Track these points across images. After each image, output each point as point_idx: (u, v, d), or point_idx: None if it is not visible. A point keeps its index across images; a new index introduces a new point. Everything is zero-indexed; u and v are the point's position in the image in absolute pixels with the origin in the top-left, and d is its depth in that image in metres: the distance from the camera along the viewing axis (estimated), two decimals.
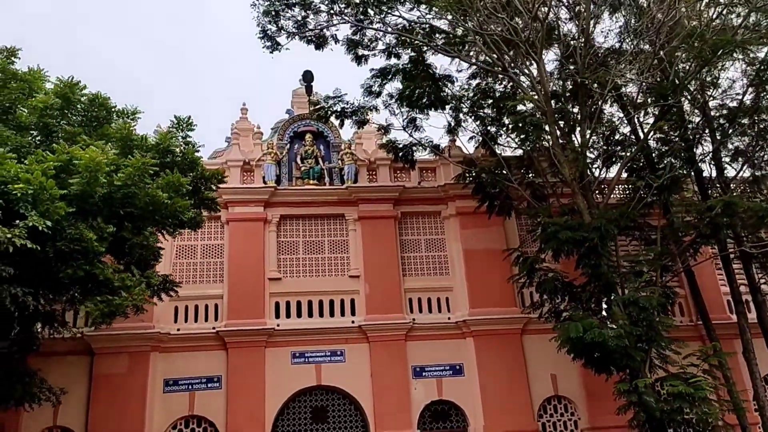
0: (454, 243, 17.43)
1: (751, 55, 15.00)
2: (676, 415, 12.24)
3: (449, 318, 16.65)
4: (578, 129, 14.25)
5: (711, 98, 14.98)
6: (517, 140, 15.15)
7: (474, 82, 16.49)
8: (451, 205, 17.64)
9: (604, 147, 15.47)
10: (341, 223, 17.51)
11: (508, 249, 15.98)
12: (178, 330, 15.65)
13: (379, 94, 16.55)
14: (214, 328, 15.73)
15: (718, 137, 15.23)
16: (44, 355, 13.47)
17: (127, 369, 14.80)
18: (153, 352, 15.17)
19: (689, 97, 14.93)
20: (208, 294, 16.20)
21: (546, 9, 14.05)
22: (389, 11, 15.61)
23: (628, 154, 14.77)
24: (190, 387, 15.18)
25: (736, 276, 15.17)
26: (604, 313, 13.28)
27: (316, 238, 17.34)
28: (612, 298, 13.30)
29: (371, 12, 15.77)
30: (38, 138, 12.08)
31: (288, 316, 16.35)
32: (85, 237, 9.53)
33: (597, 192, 15.36)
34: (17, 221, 8.65)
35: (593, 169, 15.24)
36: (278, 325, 16.04)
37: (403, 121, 16.70)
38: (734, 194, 13.32)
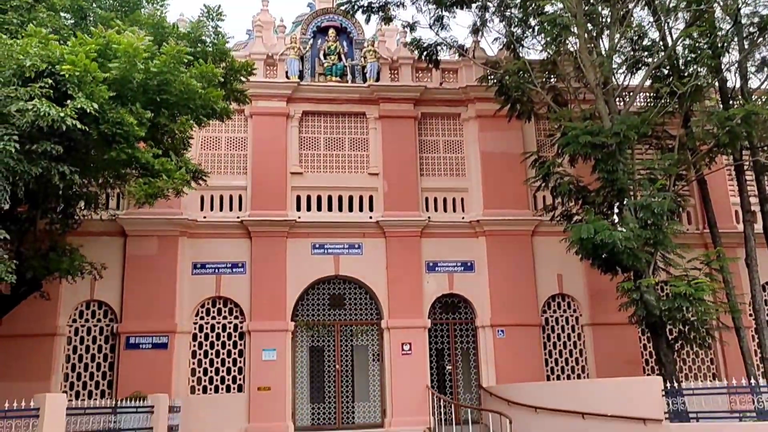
0: (472, 145, 17.78)
1: None
2: (676, 314, 13.03)
3: (463, 218, 17.26)
4: (606, 33, 14.23)
5: (744, 4, 14.80)
6: (542, 43, 15.18)
7: None
8: (471, 107, 17.84)
9: (632, 52, 15.46)
10: (362, 122, 17.80)
11: (525, 153, 16.35)
12: (205, 217, 16.36)
13: None
14: (238, 217, 16.42)
15: (746, 46, 15.18)
16: (80, 234, 14.23)
17: (158, 251, 15.63)
18: (181, 237, 15.95)
19: (721, 3, 14.75)
20: (232, 185, 16.78)
21: None
22: None
23: (655, 60, 14.79)
24: (216, 271, 16.07)
25: (748, 186, 15.56)
26: (615, 217, 13.79)
27: (337, 135, 17.70)
28: (624, 202, 13.82)
29: None
30: (71, 21, 12.23)
31: (308, 209, 16.99)
32: (126, 121, 9.93)
33: (618, 99, 15.48)
34: (67, 102, 9.02)
35: (617, 75, 15.34)
36: (299, 218, 16.71)
37: (430, 19, 16.63)
38: (756, 104, 13.47)
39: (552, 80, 16.33)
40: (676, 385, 11.50)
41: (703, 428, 10.95)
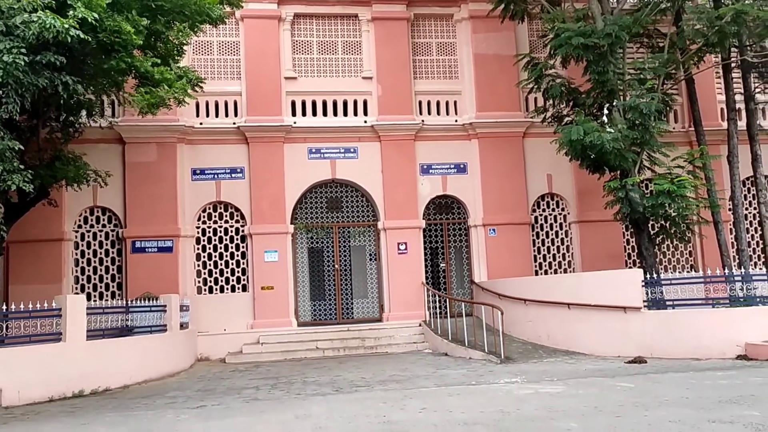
0: (464, 47, 17.78)
1: None
2: (658, 210, 13.71)
3: (456, 120, 17.55)
4: None
5: None
6: None
7: None
8: (464, 7, 17.68)
9: None
10: (355, 24, 17.65)
11: (518, 54, 16.43)
12: (201, 124, 16.55)
13: None
14: (234, 123, 16.62)
15: None
16: (80, 143, 14.39)
17: (157, 158, 15.93)
18: (179, 143, 16.20)
19: None
20: (227, 91, 16.84)
21: None
22: None
23: None
24: (215, 176, 16.46)
25: (734, 85, 15.87)
26: (604, 118, 14.14)
27: (329, 38, 17.59)
28: (614, 104, 14.14)
29: None
30: None
31: (304, 114, 17.17)
32: (123, 29, 9.98)
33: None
34: (68, 12, 9.05)
35: None
36: (295, 123, 16.92)
37: None
38: (746, 3, 13.53)
39: None
40: (655, 276, 12.35)
41: (678, 314, 11.90)
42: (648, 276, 12.51)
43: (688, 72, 15.91)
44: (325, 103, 17.30)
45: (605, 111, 14.26)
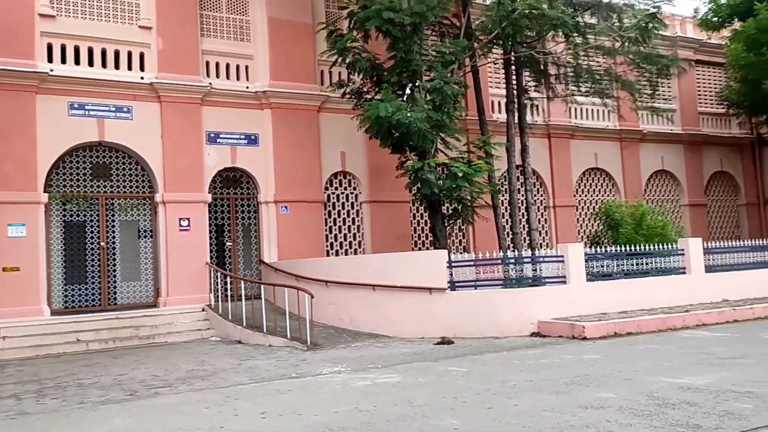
0: (258, 8, 16.41)
1: None
2: (454, 192, 14.06)
3: (248, 87, 16.15)
4: None
5: None
6: None
7: None
8: None
9: None
10: None
11: (320, 23, 15.61)
12: None
13: None
14: None
15: None
16: None
17: None
18: None
19: None
20: None
21: None
22: None
23: None
24: None
25: (513, 79, 17.01)
26: (407, 98, 14.03)
27: None
28: (417, 84, 14.12)
29: None
30: None
31: (64, 61, 14.33)
32: None
33: None
34: None
35: None
36: (52, 70, 14.00)
37: None
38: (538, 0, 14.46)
39: None
40: (458, 257, 12.60)
41: (479, 294, 12.32)
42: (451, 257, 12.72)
43: (475, 62, 16.60)
44: (91, 51, 14.63)
45: (408, 91, 14.16)
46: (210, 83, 15.58)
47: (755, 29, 19.80)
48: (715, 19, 22.17)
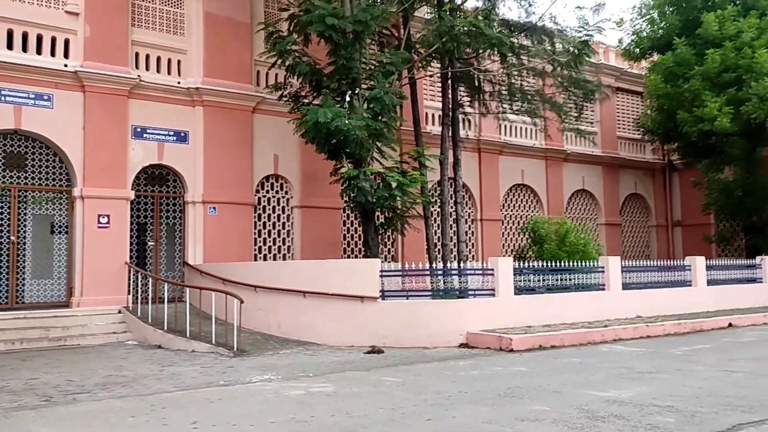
0: (194, 2, 15.93)
1: None
2: (389, 201, 14.07)
3: (179, 82, 15.61)
4: None
5: None
6: None
7: None
8: None
9: None
10: None
11: (260, 23, 15.29)
12: None
13: None
14: None
15: None
16: None
17: None
18: None
19: None
20: None
21: None
22: None
23: None
24: None
25: (449, 93, 17.26)
26: (347, 105, 13.95)
27: None
28: (356, 92, 14.07)
29: None
30: None
31: None
32: None
33: None
34: None
35: None
36: None
37: None
38: (478, 19, 14.75)
39: None
40: (392, 266, 12.60)
41: (411, 304, 12.35)
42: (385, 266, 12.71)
43: (413, 74, 16.74)
44: (11, 33, 13.78)
45: (347, 98, 14.07)
46: (139, 75, 14.96)
47: (673, 62, 20.98)
48: (637, 50, 23.32)
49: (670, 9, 22.21)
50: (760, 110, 18.97)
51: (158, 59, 15.52)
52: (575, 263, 14.55)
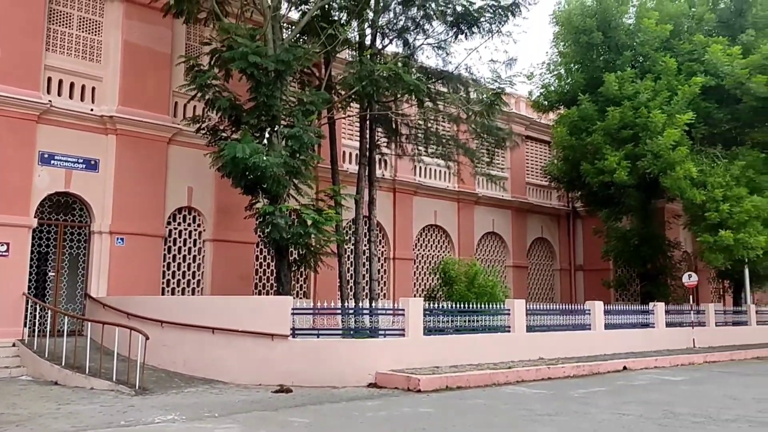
0: (113, 30, 15.68)
1: None
2: (303, 239, 14.16)
3: (92, 110, 15.22)
4: None
5: None
6: None
7: None
8: None
9: None
10: None
11: (181, 56, 15.24)
12: None
13: None
14: None
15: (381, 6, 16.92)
16: None
17: None
18: None
19: None
20: None
21: None
22: None
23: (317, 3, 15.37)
24: None
25: (367, 134, 17.67)
26: (266, 142, 14.04)
27: None
28: (276, 129, 14.20)
29: None
30: None
31: None
32: None
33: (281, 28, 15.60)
34: None
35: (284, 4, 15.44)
36: None
37: None
38: (397, 66, 15.28)
39: None
40: (303, 303, 12.63)
41: (320, 343, 12.38)
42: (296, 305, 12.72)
43: (332, 114, 17.05)
44: None
45: (267, 135, 14.18)
46: (50, 101, 14.49)
47: (577, 117, 22.38)
48: (545, 102, 24.71)
49: (576, 67, 23.76)
50: (654, 165, 20.49)
51: (71, 85, 15.12)
52: (483, 305, 15.07)
